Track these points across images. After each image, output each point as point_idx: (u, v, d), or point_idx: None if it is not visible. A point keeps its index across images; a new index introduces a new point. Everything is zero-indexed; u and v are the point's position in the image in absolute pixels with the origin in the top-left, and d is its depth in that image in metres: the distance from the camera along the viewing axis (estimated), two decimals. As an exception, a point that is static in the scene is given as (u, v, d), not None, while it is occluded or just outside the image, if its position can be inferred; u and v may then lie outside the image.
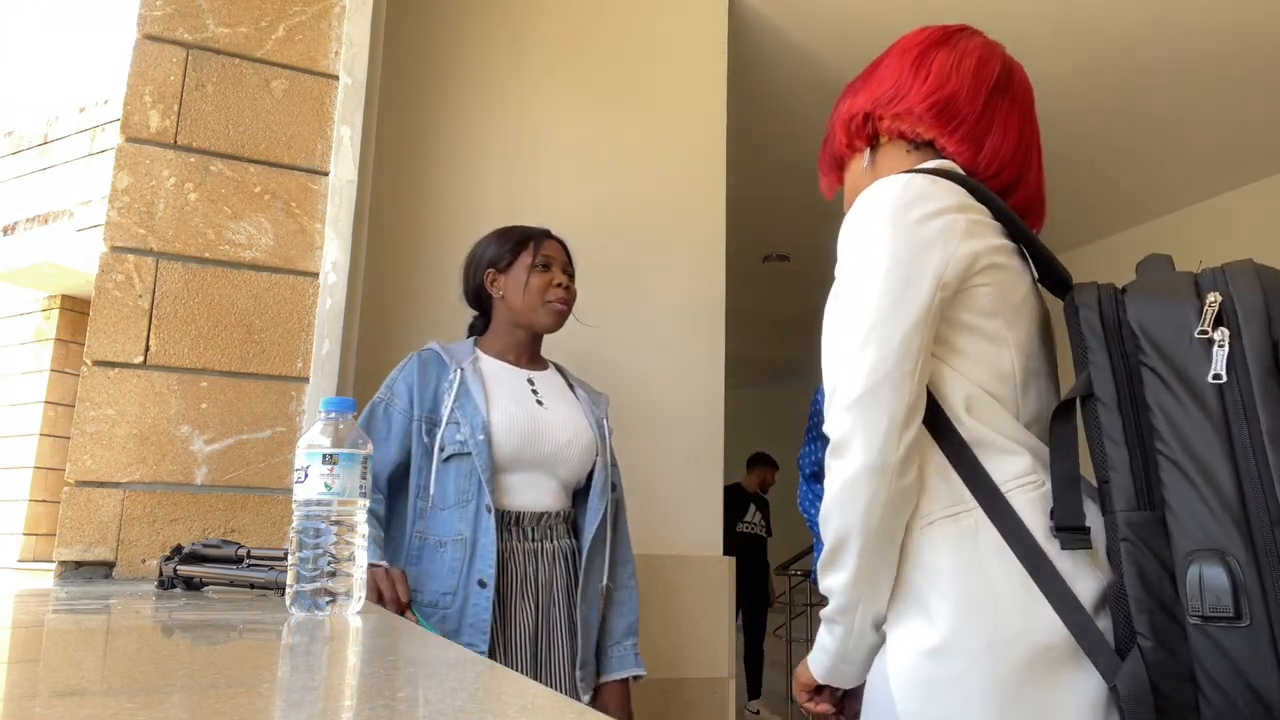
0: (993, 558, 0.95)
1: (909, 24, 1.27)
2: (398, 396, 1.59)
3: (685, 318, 2.52)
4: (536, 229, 1.76)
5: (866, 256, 1.02)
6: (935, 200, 1.02)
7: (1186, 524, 0.87)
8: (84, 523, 1.51)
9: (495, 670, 0.70)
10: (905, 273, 0.99)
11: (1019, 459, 0.99)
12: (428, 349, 1.66)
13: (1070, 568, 0.93)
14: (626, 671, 1.68)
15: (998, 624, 0.92)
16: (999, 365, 1.04)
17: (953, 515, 0.98)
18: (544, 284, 1.69)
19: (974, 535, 0.96)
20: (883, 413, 0.95)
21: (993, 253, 1.04)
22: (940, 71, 1.15)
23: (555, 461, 1.62)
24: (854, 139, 1.22)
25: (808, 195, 4.62)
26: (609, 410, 1.79)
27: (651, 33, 2.65)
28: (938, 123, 1.14)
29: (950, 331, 1.03)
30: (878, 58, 1.22)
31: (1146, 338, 0.94)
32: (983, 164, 1.14)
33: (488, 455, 1.53)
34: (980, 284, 1.03)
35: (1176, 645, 0.86)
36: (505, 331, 1.72)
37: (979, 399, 1.02)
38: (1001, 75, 1.17)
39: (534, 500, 1.60)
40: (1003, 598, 0.93)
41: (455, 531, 1.51)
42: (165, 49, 1.68)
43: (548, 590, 1.58)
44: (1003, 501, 0.97)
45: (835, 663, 1.05)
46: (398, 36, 2.27)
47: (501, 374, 1.67)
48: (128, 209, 1.61)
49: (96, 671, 0.70)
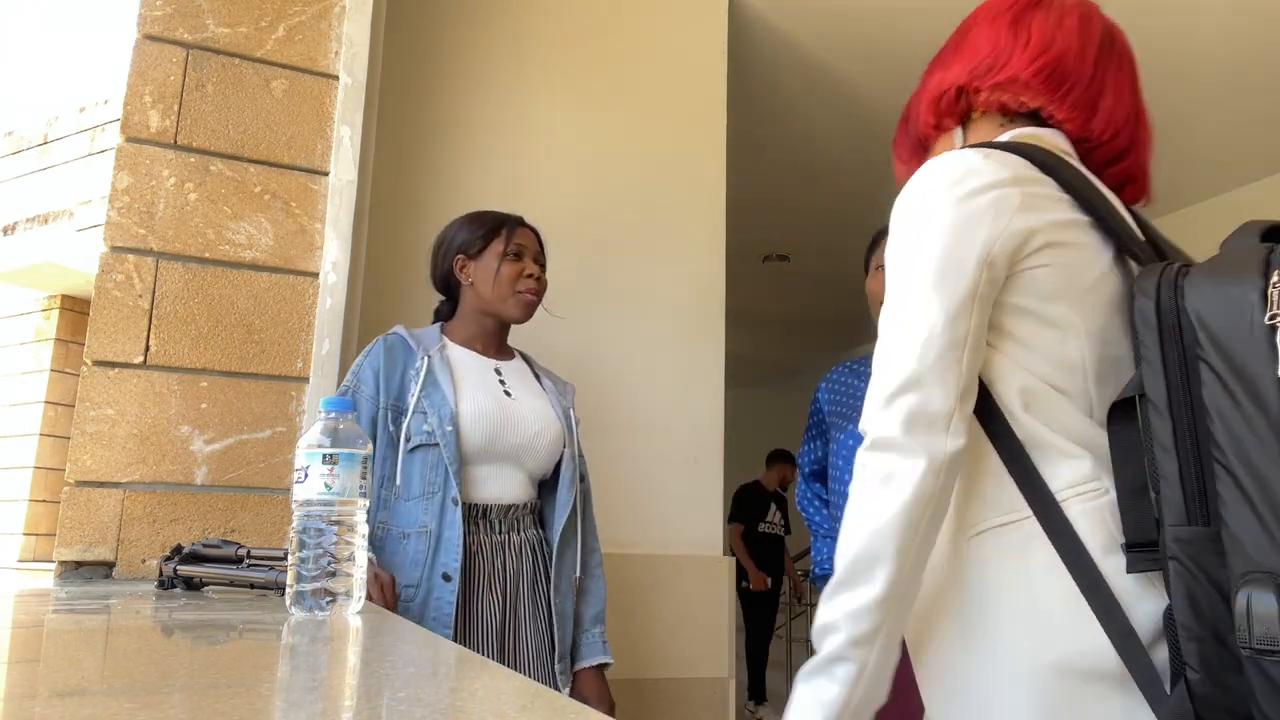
0: (1044, 574, 0.87)
1: (909, 24, 1.26)
2: (364, 383, 1.54)
3: (685, 318, 2.52)
4: (510, 215, 1.71)
5: (911, 237, 0.94)
6: (985, 174, 0.94)
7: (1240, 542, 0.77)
8: (84, 523, 1.51)
9: (495, 670, 0.69)
10: (949, 252, 0.91)
11: (1079, 463, 0.90)
12: (393, 333, 1.62)
13: (1130, 588, 0.84)
14: (596, 659, 1.65)
15: (1043, 646, 0.85)
16: (1064, 355, 0.93)
17: (1005, 525, 0.90)
18: (515, 273, 1.64)
19: (1025, 548, 0.88)
20: (926, 404, 0.87)
21: (1055, 229, 0.94)
22: (1043, 33, 1.04)
23: (524, 453, 1.60)
24: (944, 117, 1.11)
25: (808, 195, 4.63)
26: (575, 399, 1.76)
27: (651, 33, 2.65)
28: (1046, 88, 1.04)
29: (1005, 317, 0.93)
30: (960, 29, 1.12)
31: (1203, 329, 0.82)
32: (1096, 129, 1.04)
33: (455, 447, 1.51)
34: (1039, 265, 0.93)
35: (1229, 678, 0.77)
36: (472, 319, 1.68)
37: (1039, 393, 0.92)
38: (1105, 34, 1.07)
39: (500, 492, 1.58)
40: (1051, 617, 0.86)
41: (419, 523, 1.49)
42: (165, 49, 1.68)
43: (515, 582, 1.56)
44: (1058, 511, 0.88)
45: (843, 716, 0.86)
46: (398, 36, 2.27)
47: (469, 363, 1.63)
48: (128, 209, 1.61)
49: (96, 671, 0.70)
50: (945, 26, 1.17)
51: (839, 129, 3.66)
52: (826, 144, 3.80)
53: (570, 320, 2.28)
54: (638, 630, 2.12)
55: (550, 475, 1.68)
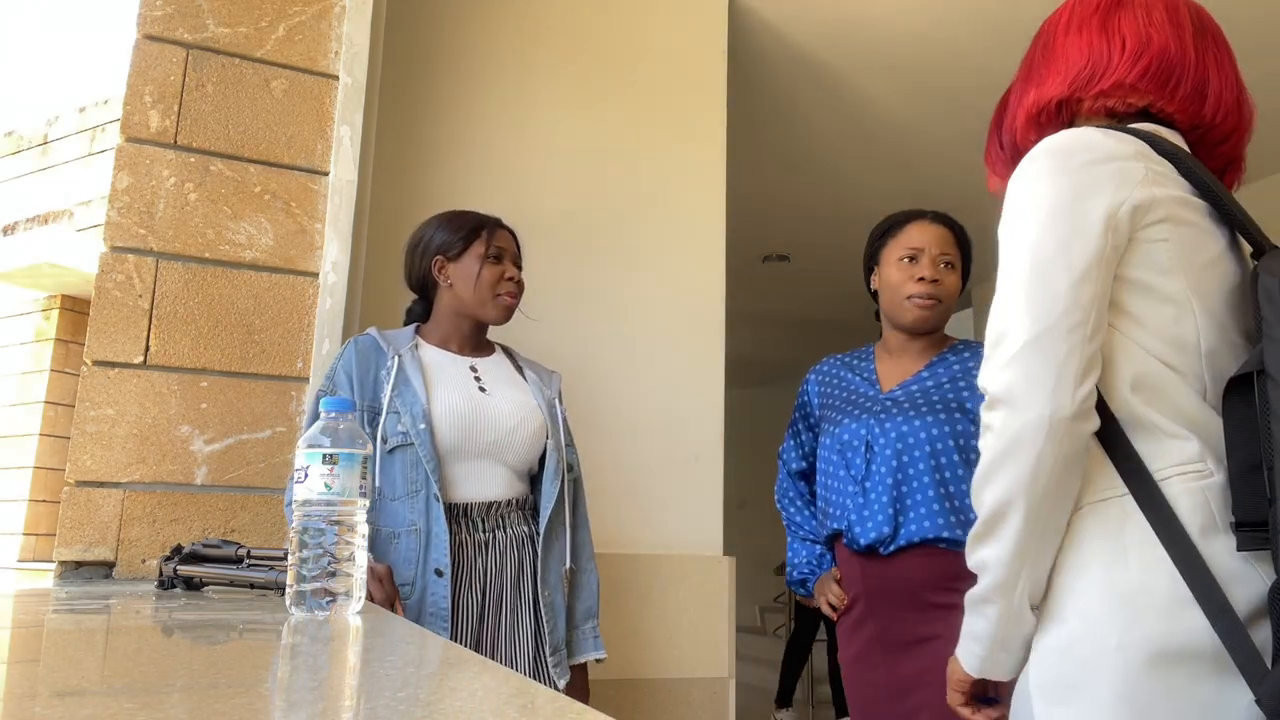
0: (1138, 551, 0.86)
1: (909, 24, 1.26)
2: (339, 387, 1.54)
3: (685, 318, 2.52)
4: (489, 217, 1.69)
5: (1028, 205, 0.93)
6: (1108, 147, 0.93)
7: None
8: (84, 523, 1.51)
9: (495, 670, 0.69)
10: (1071, 216, 0.90)
11: (1184, 444, 0.89)
12: (365, 335, 1.60)
13: (1230, 568, 0.84)
14: (587, 655, 1.64)
15: (1132, 622, 0.84)
16: (1179, 333, 0.92)
17: (1102, 501, 0.90)
18: (495, 276, 1.62)
19: (1120, 525, 0.88)
20: (1050, 364, 0.86)
21: (1174, 204, 0.93)
22: (1136, 32, 1.02)
23: (502, 448, 1.58)
24: (1045, 129, 1.07)
25: (808, 195, 4.63)
26: (563, 390, 1.74)
27: (652, 33, 2.65)
28: (1155, 86, 1.02)
29: (1121, 292, 0.92)
30: (1039, 41, 1.11)
31: None
32: (1209, 114, 1.03)
33: (431, 445, 1.50)
34: (1158, 238, 0.92)
35: None
36: (449, 320, 1.66)
37: (1150, 372, 0.91)
38: (1194, 18, 1.05)
39: (480, 490, 1.56)
40: (1143, 594, 0.85)
41: (408, 522, 1.48)
42: (165, 49, 1.68)
43: (498, 581, 1.55)
44: (1155, 490, 0.87)
45: (992, 650, 0.95)
46: (398, 36, 2.27)
47: (442, 362, 1.62)
48: (128, 209, 1.61)
49: (96, 671, 0.70)
50: (946, 27, 1.17)
51: (839, 129, 3.66)
52: (826, 144, 3.80)
53: (569, 320, 2.28)
54: (638, 630, 2.12)
55: (539, 468, 1.66)
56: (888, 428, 1.61)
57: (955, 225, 1.73)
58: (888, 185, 3.98)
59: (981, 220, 4.30)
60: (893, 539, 1.56)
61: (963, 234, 1.74)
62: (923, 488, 1.56)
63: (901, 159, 3.76)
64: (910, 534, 1.55)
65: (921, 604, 1.56)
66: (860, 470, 1.62)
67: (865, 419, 1.65)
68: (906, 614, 1.57)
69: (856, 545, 1.61)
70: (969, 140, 3.60)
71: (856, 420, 1.66)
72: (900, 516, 1.56)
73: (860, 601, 1.64)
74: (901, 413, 1.62)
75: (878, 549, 1.58)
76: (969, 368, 1.67)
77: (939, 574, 1.54)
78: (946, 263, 1.68)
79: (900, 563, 1.57)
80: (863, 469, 1.61)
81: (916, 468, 1.57)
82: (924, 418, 1.60)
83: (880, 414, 1.64)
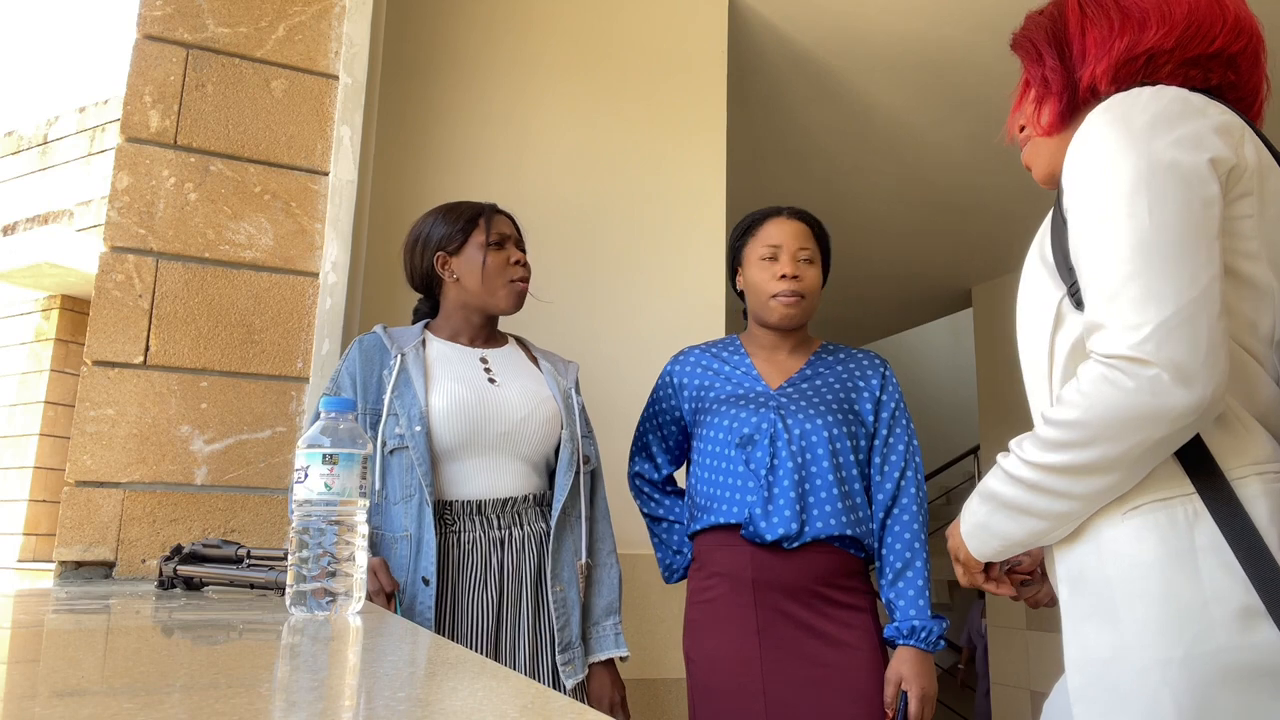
0: (1208, 557, 0.79)
1: (910, 24, 1.25)
2: (342, 390, 1.51)
3: (685, 318, 2.52)
4: (484, 204, 1.65)
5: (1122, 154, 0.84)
6: (1197, 103, 0.86)
7: None
8: (84, 523, 1.52)
9: (496, 670, 0.69)
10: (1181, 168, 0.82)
11: (1261, 441, 0.82)
12: (370, 334, 1.57)
13: None
14: (607, 653, 1.59)
15: (1201, 635, 0.78)
16: (1258, 321, 0.86)
17: (1164, 500, 0.83)
18: (501, 262, 1.59)
19: (1189, 528, 0.81)
20: (1218, 344, 0.78)
21: (1260, 174, 0.86)
22: (1238, 7, 0.95)
23: (513, 441, 1.54)
24: (1124, 83, 0.95)
25: (808, 195, 4.62)
26: (579, 378, 1.70)
27: (651, 33, 2.65)
28: (1248, 64, 0.94)
29: None
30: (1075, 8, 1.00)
31: None
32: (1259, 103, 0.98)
33: (425, 448, 1.47)
34: (1243, 214, 0.85)
35: None
36: (458, 315, 1.62)
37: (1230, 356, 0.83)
38: None
39: (492, 486, 1.52)
40: (1213, 605, 0.78)
41: (402, 528, 1.46)
42: (165, 49, 1.68)
43: (515, 578, 1.51)
44: (1229, 490, 0.80)
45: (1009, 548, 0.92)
46: (398, 36, 2.27)
47: (450, 355, 1.58)
48: (128, 209, 1.62)
49: (96, 671, 0.70)
50: (946, 27, 1.16)
51: (839, 129, 3.66)
52: (826, 144, 3.80)
53: (569, 319, 2.28)
54: (646, 630, 2.12)
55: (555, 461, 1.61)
56: (790, 424, 1.61)
57: (812, 220, 1.74)
58: (887, 185, 3.98)
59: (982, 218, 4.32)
60: (799, 535, 1.56)
61: (820, 228, 1.75)
62: (826, 485, 1.58)
63: (901, 159, 3.76)
64: (816, 531, 1.56)
65: (812, 596, 1.57)
66: (763, 464, 1.59)
67: (765, 413, 1.63)
68: (793, 606, 1.57)
69: (760, 539, 1.58)
70: (969, 140, 3.61)
71: (755, 414, 1.63)
72: (805, 514, 1.56)
73: (739, 590, 1.60)
74: (800, 410, 1.62)
75: (781, 544, 1.57)
76: (851, 370, 1.70)
77: (834, 570, 1.58)
78: (806, 258, 1.69)
79: (800, 557, 1.57)
80: (766, 463, 1.59)
81: (820, 465, 1.58)
82: (824, 416, 1.61)
83: (779, 409, 1.63)
